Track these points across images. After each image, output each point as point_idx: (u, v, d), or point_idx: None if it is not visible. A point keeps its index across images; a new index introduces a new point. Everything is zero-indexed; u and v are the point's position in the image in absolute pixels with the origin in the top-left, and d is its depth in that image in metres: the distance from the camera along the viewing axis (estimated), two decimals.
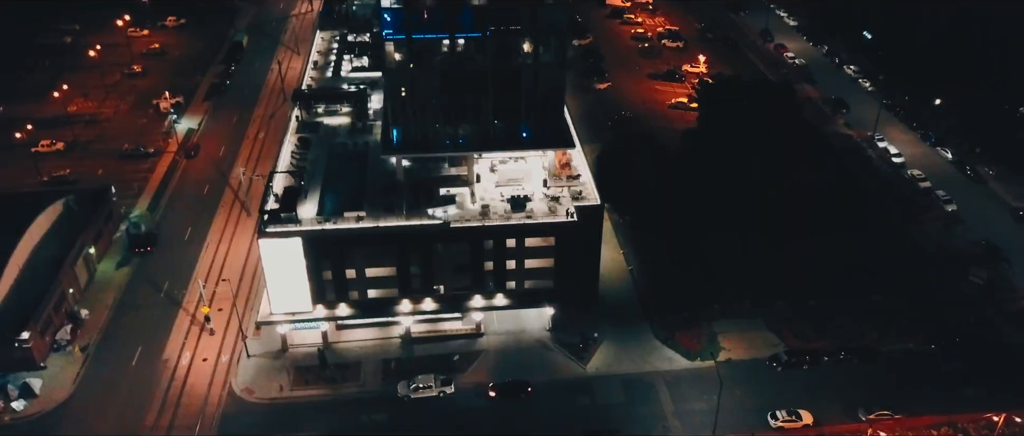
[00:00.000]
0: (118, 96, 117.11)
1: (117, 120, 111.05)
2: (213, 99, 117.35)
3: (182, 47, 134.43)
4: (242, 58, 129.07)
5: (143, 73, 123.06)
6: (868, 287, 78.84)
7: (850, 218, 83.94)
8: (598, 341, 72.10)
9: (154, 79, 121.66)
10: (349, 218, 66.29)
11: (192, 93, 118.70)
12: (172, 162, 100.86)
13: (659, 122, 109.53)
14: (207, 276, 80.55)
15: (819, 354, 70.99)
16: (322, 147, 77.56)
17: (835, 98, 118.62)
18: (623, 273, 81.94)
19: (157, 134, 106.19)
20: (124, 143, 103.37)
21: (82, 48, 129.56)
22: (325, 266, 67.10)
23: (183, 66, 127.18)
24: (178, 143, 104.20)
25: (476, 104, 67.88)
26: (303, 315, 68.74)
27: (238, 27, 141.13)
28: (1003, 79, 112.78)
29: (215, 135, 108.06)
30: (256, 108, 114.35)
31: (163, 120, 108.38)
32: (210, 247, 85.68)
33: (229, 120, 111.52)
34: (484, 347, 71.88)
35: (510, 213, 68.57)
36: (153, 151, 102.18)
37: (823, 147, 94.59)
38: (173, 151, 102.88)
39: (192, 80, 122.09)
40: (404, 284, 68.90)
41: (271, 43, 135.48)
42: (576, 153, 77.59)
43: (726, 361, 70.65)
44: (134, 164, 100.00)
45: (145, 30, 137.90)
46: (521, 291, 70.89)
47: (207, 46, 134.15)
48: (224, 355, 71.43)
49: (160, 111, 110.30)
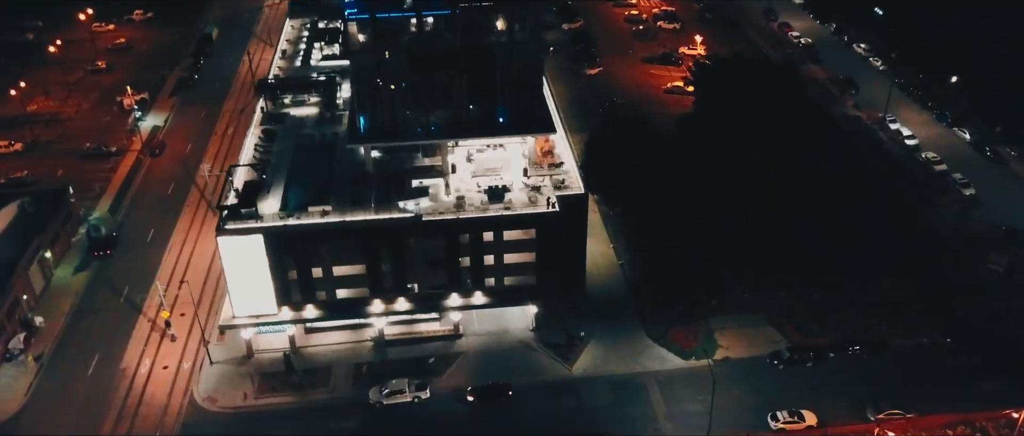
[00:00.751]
0: (81, 94, 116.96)
1: (79, 119, 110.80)
2: (180, 94, 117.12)
3: (149, 41, 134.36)
4: (212, 51, 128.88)
5: (107, 69, 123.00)
6: (877, 272, 77.62)
7: (858, 198, 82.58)
8: (585, 340, 71.07)
9: (119, 75, 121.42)
10: (314, 213, 65.46)
11: (158, 89, 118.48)
12: (136, 161, 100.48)
13: (654, 107, 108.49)
14: (170, 279, 79.88)
15: (824, 350, 69.77)
16: (288, 139, 76.91)
17: (843, 78, 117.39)
18: (613, 268, 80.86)
19: (121, 132, 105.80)
20: (86, 142, 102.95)
21: (46, 45, 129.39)
22: (289, 265, 66.35)
23: (150, 61, 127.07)
24: (143, 141, 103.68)
25: (447, 87, 66.98)
26: (267, 318, 67.90)
27: (208, 20, 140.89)
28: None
29: (182, 132, 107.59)
30: (226, 102, 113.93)
31: (127, 118, 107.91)
32: (174, 249, 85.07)
33: (197, 116, 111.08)
34: (463, 349, 70.95)
35: (487, 204, 67.71)
36: (116, 150, 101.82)
37: (829, 127, 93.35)
38: (137, 150, 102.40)
39: (159, 75, 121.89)
40: (375, 283, 68.02)
41: (243, 35, 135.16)
42: (559, 139, 76.77)
43: (724, 360, 69.48)
44: (96, 164, 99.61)
45: (111, 25, 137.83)
46: (501, 288, 69.95)
47: (175, 40, 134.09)
48: (186, 362, 70.73)
49: (124, 108, 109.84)
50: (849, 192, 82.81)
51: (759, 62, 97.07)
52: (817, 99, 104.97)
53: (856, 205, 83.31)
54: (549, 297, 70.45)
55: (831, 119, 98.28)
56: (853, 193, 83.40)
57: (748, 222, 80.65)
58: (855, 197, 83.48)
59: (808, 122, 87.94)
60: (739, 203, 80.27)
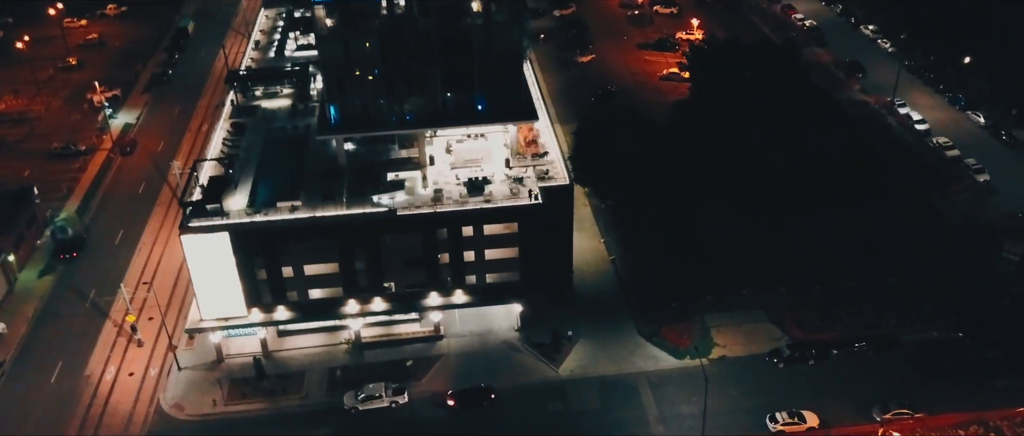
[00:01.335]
0: (51, 92, 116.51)
1: (49, 117, 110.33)
2: (154, 90, 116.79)
3: (122, 37, 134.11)
4: (187, 46, 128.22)
5: (78, 66, 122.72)
6: (885, 263, 76.37)
7: (865, 186, 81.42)
8: (573, 340, 70.00)
9: (91, 72, 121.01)
10: (282, 208, 64.53)
11: (131, 85, 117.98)
12: (106, 160, 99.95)
13: (650, 95, 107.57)
14: (137, 282, 79.17)
15: (827, 346, 68.62)
16: (258, 132, 76.06)
17: (850, 61, 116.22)
18: (604, 264, 79.83)
19: (91, 131, 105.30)
20: (54, 142, 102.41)
21: (14, 42, 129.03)
22: (258, 264, 65.54)
23: (123, 57, 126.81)
24: (113, 140, 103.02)
25: (422, 73, 65.89)
26: (236, 320, 67.05)
27: (184, 13, 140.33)
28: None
29: (154, 129, 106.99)
30: (200, 98, 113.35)
31: (97, 115, 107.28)
32: (143, 250, 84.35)
33: (170, 112, 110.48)
34: (444, 351, 70.06)
35: (466, 197, 66.68)
36: (85, 149, 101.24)
37: (834, 113, 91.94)
38: (107, 148, 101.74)
39: (132, 71, 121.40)
40: (349, 282, 67.11)
41: (220, 28, 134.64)
42: (544, 128, 75.85)
43: (720, 358, 68.43)
44: (64, 164, 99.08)
45: (83, 20, 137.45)
46: (483, 286, 69.03)
47: (150, 34, 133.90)
48: (153, 368, 69.99)
49: (95, 106, 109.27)
50: (854, 180, 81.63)
51: (758, 45, 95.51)
52: (822, 84, 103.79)
53: (862, 194, 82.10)
54: (534, 295, 69.39)
55: (836, 104, 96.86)
56: (859, 181, 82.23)
57: (747, 213, 79.53)
58: (861, 185, 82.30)
59: (811, 107, 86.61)
60: (737, 193, 79.26)
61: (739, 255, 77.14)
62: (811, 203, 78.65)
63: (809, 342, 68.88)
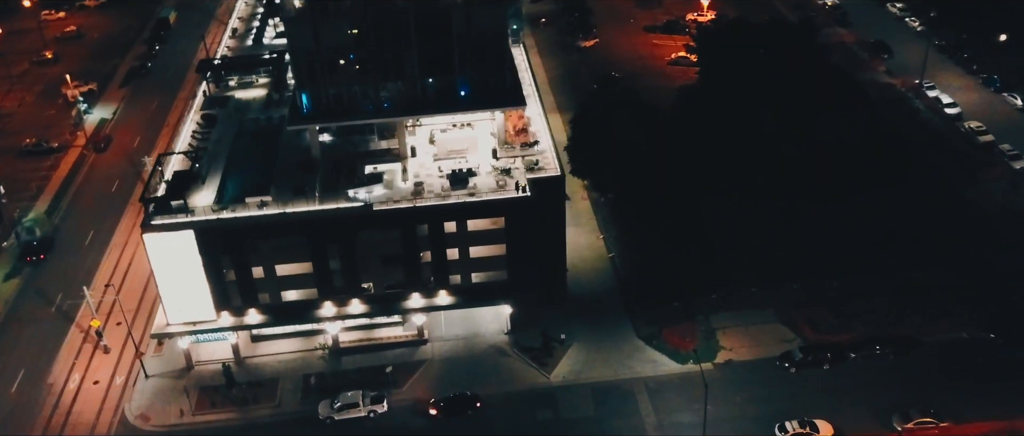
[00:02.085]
0: (24, 87, 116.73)
1: (22, 113, 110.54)
2: (131, 84, 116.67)
3: (102, 28, 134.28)
4: (168, 37, 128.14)
5: (55, 59, 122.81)
6: (908, 259, 74.28)
7: (886, 174, 79.16)
8: (566, 344, 68.55)
9: (67, 66, 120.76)
10: (251, 204, 63.54)
11: (109, 79, 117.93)
12: (79, 157, 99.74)
13: (657, 81, 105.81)
14: (107, 285, 78.50)
15: (844, 349, 66.79)
16: (230, 124, 75.27)
17: (875, 41, 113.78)
18: (602, 261, 78.41)
19: (65, 127, 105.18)
20: (26, 138, 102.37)
21: None
22: (226, 264, 64.69)
23: (101, 50, 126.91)
24: (87, 136, 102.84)
25: (398, 57, 64.64)
26: (205, 325, 66.21)
27: (165, 3, 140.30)
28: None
29: (131, 124, 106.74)
30: (180, 92, 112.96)
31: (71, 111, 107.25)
32: (114, 251, 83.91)
33: (148, 107, 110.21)
34: (427, 356, 68.94)
35: (449, 190, 65.35)
36: (57, 146, 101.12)
37: (855, 95, 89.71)
38: (81, 145, 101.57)
39: (109, 64, 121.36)
40: (323, 283, 66.08)
41: (203, 18, 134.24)
42: (536, 116, 74.29)
43: (726, 362, 66.80)
44: (35, 162, 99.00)
45: (61, 12, 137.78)
46: (468, 286, 67.78)
47: (131, 26, 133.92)
48: (119, 376, 69.48)
49: (69, 101, 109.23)
50: (875, 167, 79.44)
51: (771, 24, 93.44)
52: (843, 65, 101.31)
53: (884, 182, 79.90)
54: (524, 295, 67.92)
55: (858, 87, 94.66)
56: (880, 168, 80.00)
57: (756, 204, 77.63)
58: (882, 172, 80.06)
59: (830, 90, 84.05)
60: (747, 184, 77.37)
61: (747, 249, 75.47)
62: (827, 192, 76.75)
63: (823, 344, 67.19)
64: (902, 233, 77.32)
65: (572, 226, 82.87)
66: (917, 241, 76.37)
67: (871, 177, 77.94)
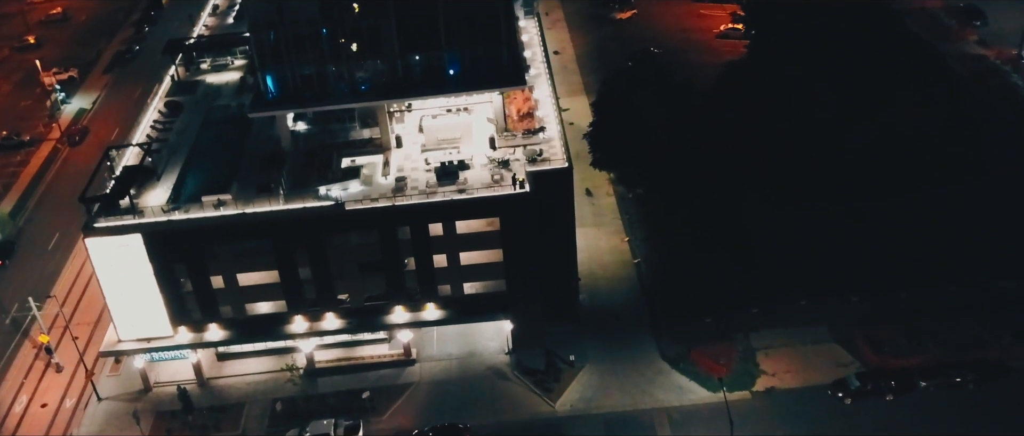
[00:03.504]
0: (2, 75, 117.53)
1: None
2: (116, 70, 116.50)
3: (89, 11, 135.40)
4: (159, 18, 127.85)
5: (37, 45, 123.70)
6: (996, 265, 68.88)
7: (972, 163, 73.27)
8: (576, 366, 64.26)
9: (50, 51, 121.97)
10: (207, 204, 60.93)
11: (92, 64, 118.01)
12: (52, 151, 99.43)
13: (701, 57, 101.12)
14: (68, 294, 77.33)
15: (912, 375, 61.37)
16: (197, 112, 73.32)
17: (965, 5, 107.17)
18: (626, 268, 74.20)
19: (41, 118, 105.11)
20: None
21: None
22: (181, 272, 62.31)
23: (87, 33, 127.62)
24: (62, 128, 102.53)
25: (374, 29, 61.24)
26: (160, 342, 64.07)
27: None
28: None
29: (111, 115, 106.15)
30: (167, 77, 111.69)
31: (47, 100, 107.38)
32: (78, 256, 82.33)
33: (131, 95, 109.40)
34: (414, 378, 65.69)
35: (436, 186, 61.71)
36: (29, 139, 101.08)
37: (936, 71, 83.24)
38: (55, 138, 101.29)
39: (94, 49, 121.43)
40: (293, 294, 63.25)
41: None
42: (545, 98, 70.18)
43: (767, 390, 61.90)
44: (5, 157, 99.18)
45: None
46: (460, 298, 64.12)
47: (120, 7, 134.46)
48: (70, 398, 67.75)
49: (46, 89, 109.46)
50: (958, 157, 73.38)
51: None
52: (926, 35, 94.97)
53: (968, 174, 73.63)
54: (526, 309, 63.84)
55: (940, 61, 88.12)
56: (963, 158, 73.63)
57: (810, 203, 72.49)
58: (966, 163, 73.71)
59: (906, 68, 78.86)
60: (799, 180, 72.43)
61: (797, 254, 70.60)
62: (897, 187, 71.38)
63: (887, 369, 62.01)
64: (988, 235, 71.31)
65: (593, 226, 79.37)
66: (1007, 245, 70.38)
67: (952, 168, 72.23)
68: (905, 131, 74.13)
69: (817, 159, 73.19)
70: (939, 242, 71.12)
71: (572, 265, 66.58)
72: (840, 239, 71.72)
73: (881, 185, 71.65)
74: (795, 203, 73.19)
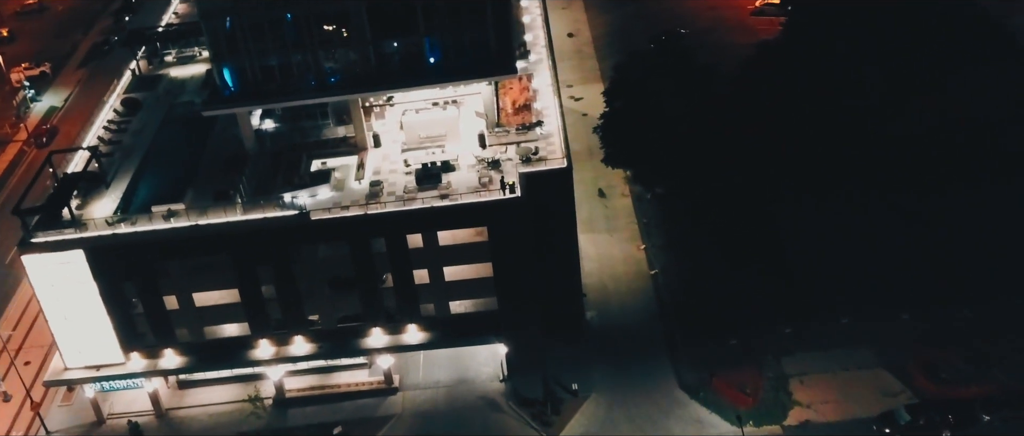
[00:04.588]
0: None
1: None
2: (92, 64, 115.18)
3: (67, 1, 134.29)
4: (140, 7, 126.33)
5: (10, 38, 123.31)
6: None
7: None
8: (579, 396, 60.84)
9: (24, 44, 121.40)
10: (157, 214, 57.95)
11: (67, 58, 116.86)
12: (18, 153, 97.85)
13: (736, 37, 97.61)
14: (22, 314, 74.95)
15: (974, 407, 57.08)
16: (157, 110, 70.96)
17: None
18: (642, 280, 70.56)
19: (6, 118, 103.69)
20: None
21: None
22: (130, 292, 59.58)
23: (65, 24, 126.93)
24: (29, 128, 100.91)
25: (342, 13, 58.29)
26: (110, 369, 61.52)
27: None
28: None
29: (84, 112, 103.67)
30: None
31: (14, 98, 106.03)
32: None
33: (106, 91, 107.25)
34: (396, 410, 62.62)
35: (415, 191, 58.41)
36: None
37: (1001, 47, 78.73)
38: (22, 139, 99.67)
39: (70, 41, 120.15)
40: (256, 315, 60.30)
41: None
42: (545, 87, 66.75)
43: (802, 424, 57.87)
44: None
45: None
46: (445, 318, 60.87)
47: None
48: (17, 431, 65.37)
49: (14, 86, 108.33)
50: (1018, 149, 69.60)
51: None
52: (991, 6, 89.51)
53: None
54: (522, 330, 60.24)
55: (1007, 38, 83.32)
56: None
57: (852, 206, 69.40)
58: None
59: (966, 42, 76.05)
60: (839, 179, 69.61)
61: (837, 263, 66.63)
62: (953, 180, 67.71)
63: (945, 400, 57.90)
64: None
65: (605, 232, 75.84)
66: None
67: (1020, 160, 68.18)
68: (965, 116, 70.93)
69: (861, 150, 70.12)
70: (1006, 248, 66.78)
71: (575, 279, 63.34)
72: (889, 246, 67.85)
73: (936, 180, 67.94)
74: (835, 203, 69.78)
